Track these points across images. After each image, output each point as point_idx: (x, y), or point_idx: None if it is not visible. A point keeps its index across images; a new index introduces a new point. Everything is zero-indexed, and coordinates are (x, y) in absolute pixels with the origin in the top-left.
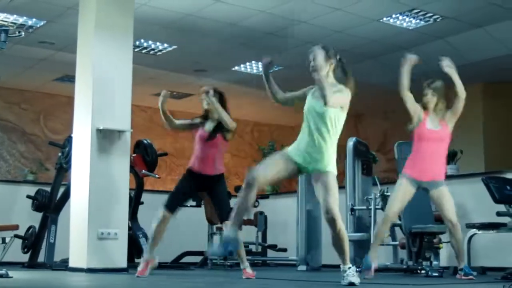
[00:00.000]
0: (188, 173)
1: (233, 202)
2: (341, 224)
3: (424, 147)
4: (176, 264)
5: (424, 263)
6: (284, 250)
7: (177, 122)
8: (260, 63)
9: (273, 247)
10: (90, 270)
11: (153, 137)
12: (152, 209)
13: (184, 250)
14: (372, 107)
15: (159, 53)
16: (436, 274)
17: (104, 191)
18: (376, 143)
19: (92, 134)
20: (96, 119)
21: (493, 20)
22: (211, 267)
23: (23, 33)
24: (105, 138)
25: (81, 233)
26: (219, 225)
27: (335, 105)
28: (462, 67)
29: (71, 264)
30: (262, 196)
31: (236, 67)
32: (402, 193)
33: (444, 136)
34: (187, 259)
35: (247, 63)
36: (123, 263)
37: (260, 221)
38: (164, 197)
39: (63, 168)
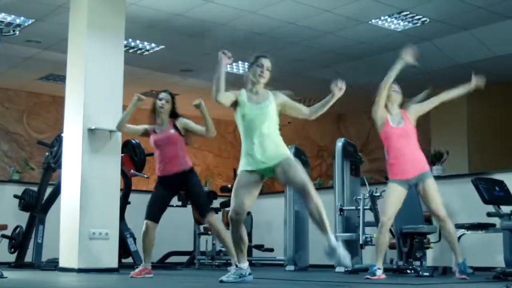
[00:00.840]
0: (158, 181)
1: (218, 202)
2: (314, 192)
3: (394, 146)
4: (163, 264)
5: (415, 263)
6: (271, 250)
7: (130, 126)
8: (246, 63)
9: (260, 247)
10: (81, 270)
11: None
12: (138, 209)
13: (169, 250)
14: (355, 108)
15: (146, 52)
16: (427, 273)
17: (96, 191)
18: (359, 144)
19: (84, 133)
20: (88, 119)
21: (479, 23)
22: (199, 267)
23: (17, 32)
24: (96, 138)
25: (72, 233)
26: (206, 225)
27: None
28: (447, 68)
29: (61, 264)
30: None
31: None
32: (394, 197)
33: (409, 131)
34: (172, 259)
35: (234, 64)
36: (114, 263)
37: (247, 222)
38: (148, 197)
39: (51, 167)
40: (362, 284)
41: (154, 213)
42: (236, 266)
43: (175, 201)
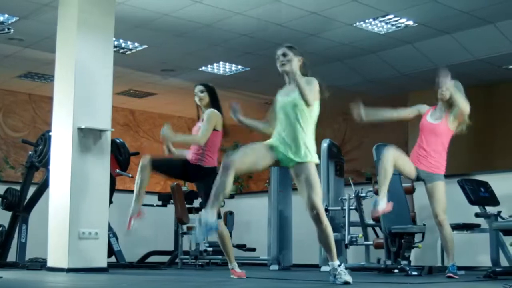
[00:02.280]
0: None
1: (198, 202)
2: (326, 220)
3: (422, 138)
4: (146, 264)
5: (403, 262)
6: (253, 249)
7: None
8: (228, 63)
9: (242, 246)
10: (70, 270)
11: (113, 135)
12: (122, 209)
13: (149, 250)
14: (332, 109)
15: (129, 52)
16: (416, 273)
17: (85, 190)
18: None
19: (74, 133)
20: (77, 118)
21: (461, 27)
22: (181, 267)
23: (12, 30)
24: (86, 137)
25: (61, 233)
26: (189, 224)
27: (313, 102)
28: (428, 72)
29: (50, 264)
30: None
31: (204, 67)
32: (407, 161)
33: (440, 130)
34: (152, 259)
35: (215, 64)
36: (104, 263)
37: (230, 221)
38: (129, 196)
39: (34, 166)
40: (364, 284)
41: (161, 164)
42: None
43: (155, 200)
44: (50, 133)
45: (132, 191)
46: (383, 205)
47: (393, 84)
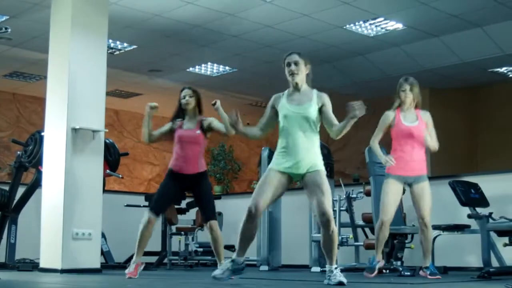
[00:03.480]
0: (171, 174)
1: (184, 203)
2: (334, 226)
3: (403, 144)
4: None
5: (395, 263)
6: None
7: (155, 133)
8: (216, 64)
9: (231, 247)
10: (64, 271)
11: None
12: (110, 210)
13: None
14: None
15: (117, 52)
16: (409, 273)
17: (79, 191)
18: None
19: (67, 133)
20: (71, 119)
21: (449, 31)
22: (170, 267)
23: (9, 30)
24: (79, 137)
25: (54, 234)
26: (178, 225)
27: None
28: (414, 74)
29: (43, 264)
30: (214, 196)
31: (191, 68)
32: (393, 195)
33: (418, 132)
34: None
35: (203, 65)
36: (97, 264)
37: (219, 222)
38: (116, 197)
39: (23, 166)
40: (362, 284)
41: (160, 206)
42: (233, 261)
43: (141, 201)
44: (41, 133)
45: (118, 192)
46: (381, 263)
47: (379, 86)
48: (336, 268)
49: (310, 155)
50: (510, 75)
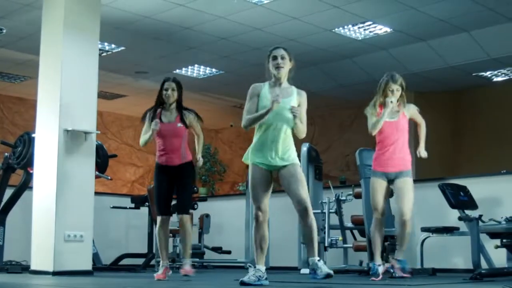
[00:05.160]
0: (159, 168)
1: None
2: (312, 214)
3: (385, 140)
4: (123, 266)
5: (386, 264)
6: (228, 252)
7: (148, 135)
8: (202, 66)
9: (218, 249)
10: (56, 273)
11: None
12: (98, 211)
13: (120, 252)
14: None
15: (104, 53)
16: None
17: (71, 193)
18: None
19: (60, 135)
20: (63, 120)
21: (437, 35)
22: (158, 269)
23: (4, 30)
24: (72, 139)
25: (46, 236)
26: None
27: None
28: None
29: (34, 266)
30: (200, 198)
31: (178, 70)
32: (380, 190)
33: (400, 126)
34: (124, 262)
35: (189, 67)
36: (88, 266)
37: (206, 224)
38: (101, 199)
39: (11, 168)
40: (361, 285)
41: (165, 208)
42: (254, 267)
43: (128, 203)
44: (32, 135)
45: (103, 193)
46: (382, 269)
47: (363, 89)
48: (319, 260)
49: (287, 149)
50: (494, 79)
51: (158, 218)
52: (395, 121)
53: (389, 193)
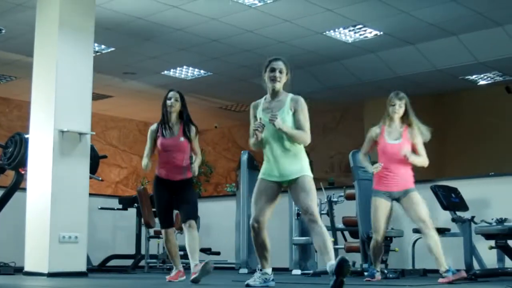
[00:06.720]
0: (158, 181)
1: None
2: (321, 223)
3: (386, 161)
4: (113, 268)
5: (380, 265)
6: (218, 253)
7: (149, 150)
8: (191, 68)
9: (207, 250)
10: (51, 275)
11: None
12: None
13: (107, 254)
14: None
15: (94, 54)
16: (394, 275)
17: (65, 194)
18: None
19: (54, 136)
20: (58, 121)
21: (426, 38)
22: (148, 270)
23: (3, 30)
24: (66, 140)
25: (40, 237)
26: (156, 228)
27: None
28: (386, 80)
29: (28, 268)
30: None
31: (166, 71)
32: (382, 209)
33: (401, 149)
34: (112, 263)
35: (178, 68)
36: (83, 267)
37: (197, 225)
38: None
39: (1, 169)
40: (360, 286)
41: (167, 220)
42: (261, 270)
43: (115, 204)
44: (22, 135)
45: (90, 194)
46: (379, 276)
47: (350, 91)
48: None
49: (292, 163)
50: (480, 82)
51: (163, 231)
52: (399, 143)
53: (390, 215)
